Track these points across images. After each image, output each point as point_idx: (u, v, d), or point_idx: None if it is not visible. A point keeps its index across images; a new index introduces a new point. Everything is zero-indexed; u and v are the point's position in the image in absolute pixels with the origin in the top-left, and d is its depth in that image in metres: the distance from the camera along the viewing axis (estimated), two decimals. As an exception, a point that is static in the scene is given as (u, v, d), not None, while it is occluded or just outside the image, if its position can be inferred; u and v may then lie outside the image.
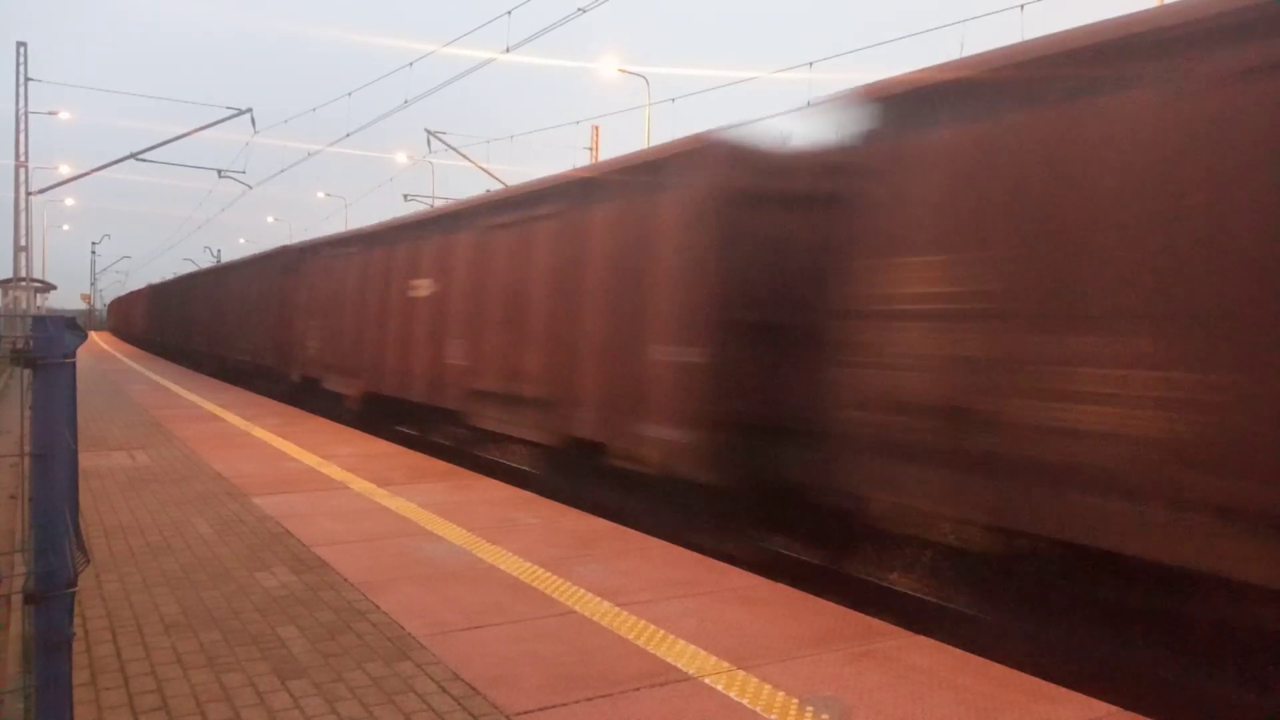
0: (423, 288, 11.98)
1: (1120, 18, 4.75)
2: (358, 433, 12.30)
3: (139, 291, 47.22)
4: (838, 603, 5.12)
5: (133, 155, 27.13)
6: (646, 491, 8.03)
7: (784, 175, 6.93)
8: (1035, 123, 5.06)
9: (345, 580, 5.26)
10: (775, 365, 6.71)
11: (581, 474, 8.95)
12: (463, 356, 10.72)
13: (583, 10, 15.04)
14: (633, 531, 6.69)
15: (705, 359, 7.05)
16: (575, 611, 4.74)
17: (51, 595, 2.58)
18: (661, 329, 7.54)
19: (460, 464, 10.19)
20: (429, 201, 35.00)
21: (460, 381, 10.75)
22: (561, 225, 9.18)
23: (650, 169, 8.09)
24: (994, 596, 5.80)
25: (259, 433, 11.98)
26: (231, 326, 23.07)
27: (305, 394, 16.78)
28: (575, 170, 10.04)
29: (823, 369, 6.16)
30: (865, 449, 5.80)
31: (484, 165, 30.99)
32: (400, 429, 13.93)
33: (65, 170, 36.09)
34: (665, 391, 7.40)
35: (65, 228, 79.27)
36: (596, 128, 32.54)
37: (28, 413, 2.69)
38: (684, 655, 4.13)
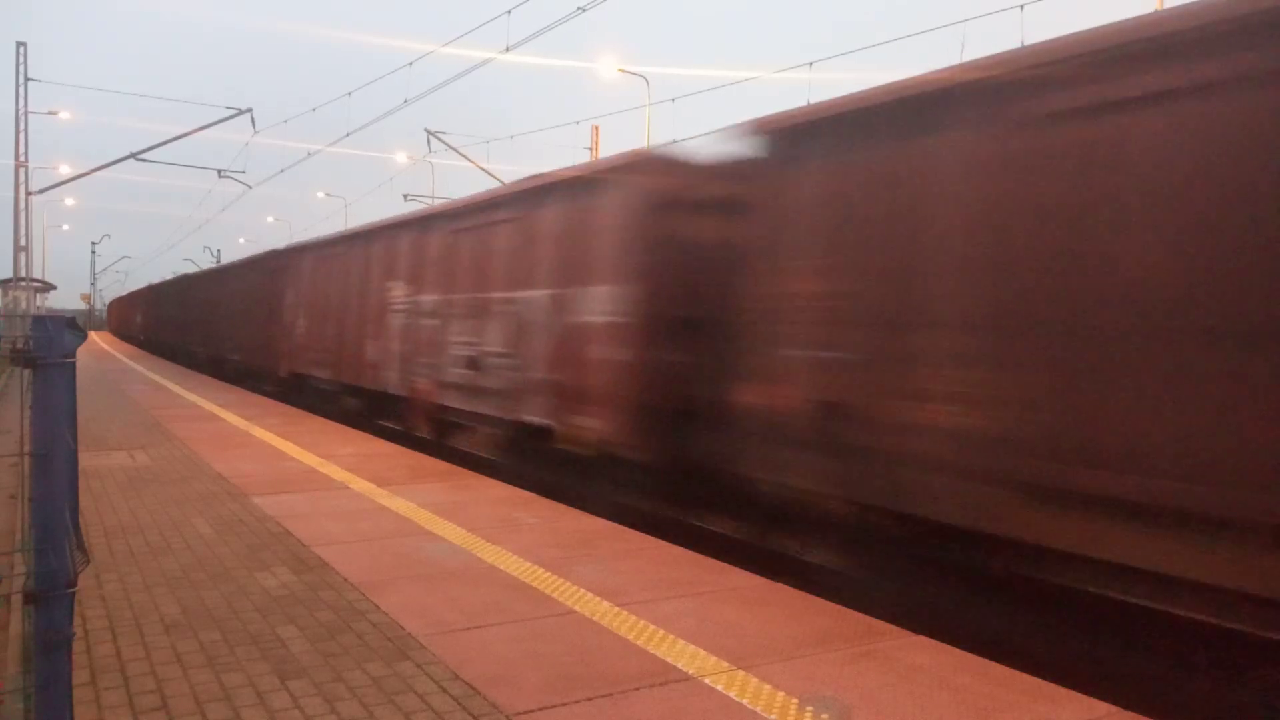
0: (394, 290, 13.47)
1: (941, 70, 5.71)
2: (358, 433, 12.30)
3: (137, 292, 47.51)
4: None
5: (133, 155, 27.12)
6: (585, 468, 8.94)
7: (701, 187, 7.87)
8: (880, 157, 5.97)
9: (345, 580, 5.26)
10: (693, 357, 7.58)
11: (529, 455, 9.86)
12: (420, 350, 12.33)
13: (583, 10, 15.03)
14: (632, 531, 6.69)
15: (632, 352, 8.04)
16: (575, 611, 4.74)
17: (51, 595, 2.58)
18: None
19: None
20: (429, 201, 35.01)
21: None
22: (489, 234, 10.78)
23: (586, 183, 9.16)
24: (856, 556, 6.69)
25: (259, 432, 11.99)
26: (214, 325, 26.63)
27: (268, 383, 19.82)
28: (520, 180, 11.01)
29: (726, 361, 7.01)
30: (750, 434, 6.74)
31: (484, 165, 31.00)
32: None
33: (65, 170, 36.08)
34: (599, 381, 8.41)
35: (65, 228, 79.20)
36: (596, 128, 32.55)
37: (28, 413, 2.69)
38: (684, 655, 4.13)
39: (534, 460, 9.70)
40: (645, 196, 8.05)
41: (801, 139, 6.49)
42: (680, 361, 7.63)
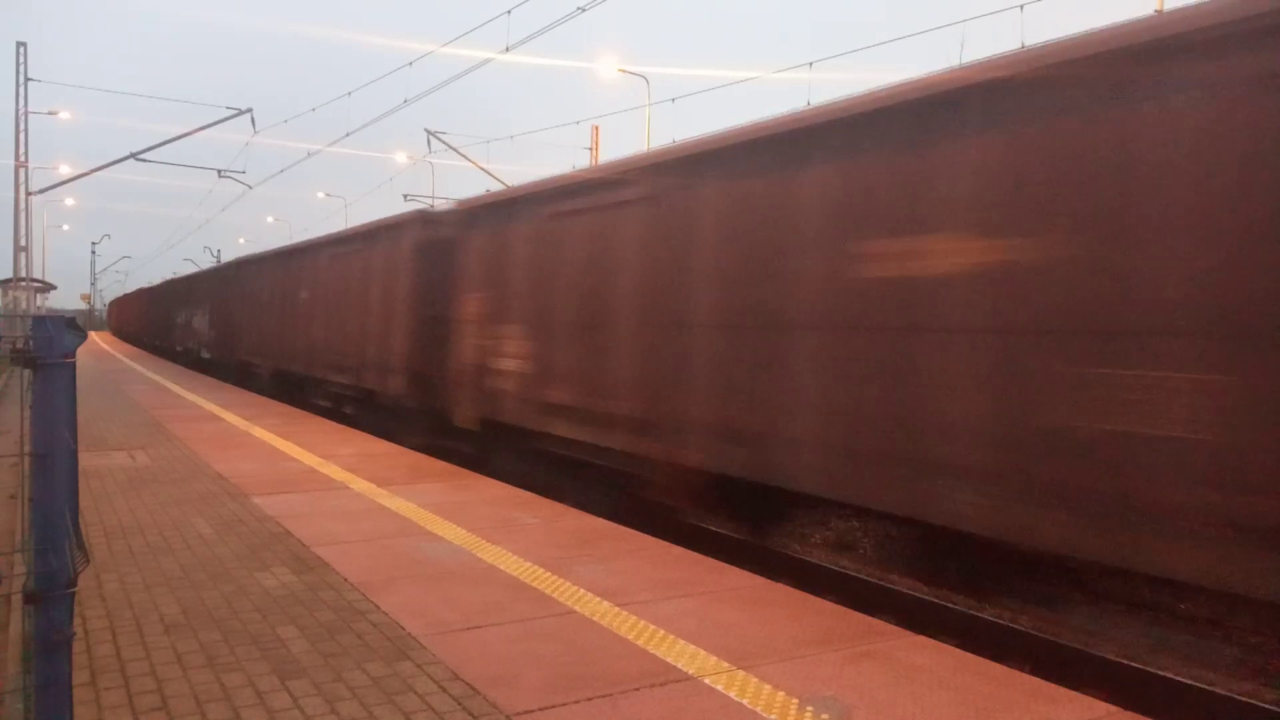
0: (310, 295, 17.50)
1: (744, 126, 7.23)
2: (358, 433, 12.30)
3: (136, 293, 47.71)
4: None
5: (133, 155, 27.11)
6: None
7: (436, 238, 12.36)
8: (492, 228, 10.66)
9: (345, 580, 5.26)
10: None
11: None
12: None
13: (583, 10, 15.03)
14: (632, 531, 6.69)
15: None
16: (575, 611, 4.74)
17: (51, 595, 2.58)
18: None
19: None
20: (429, 201, 35.02)
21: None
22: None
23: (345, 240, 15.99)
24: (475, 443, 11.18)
25: (259, 432, 11.99)
26: (199, 324, 28.97)
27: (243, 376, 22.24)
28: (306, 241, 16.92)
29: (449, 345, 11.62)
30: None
31: (484, 165, 31.00)
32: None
33: (65, 170, 36.09)
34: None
35: (65, 228, 79.25)
36: (596, 128, 32.55)
37: (28, 413, 2.69)
38: (684, 655, 4.13)
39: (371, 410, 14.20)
40: (408, 244, 12.70)
41: (477, 215, 11.19)
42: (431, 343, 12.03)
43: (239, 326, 23.05)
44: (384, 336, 13.13)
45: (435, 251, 12.07)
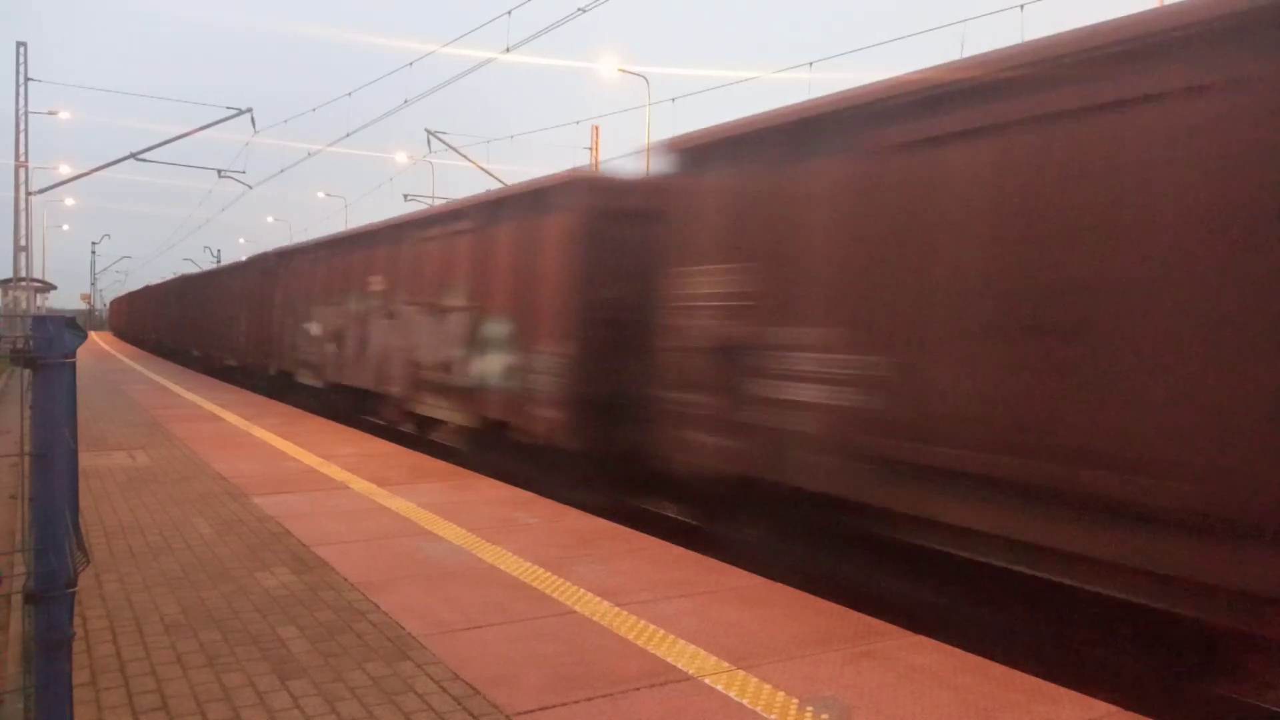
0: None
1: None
2: (358, 432, 12.30)
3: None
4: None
5: (133, 155, 27.11)
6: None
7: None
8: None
9: (345, 580, 5.26)
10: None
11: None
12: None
13: (583, 10, 15.03)
14: (632, 531, 6.69)
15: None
16: (575, 611, 4.74)
17: (51, 595, 2.58)
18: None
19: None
20: (429, 201, 35.01)
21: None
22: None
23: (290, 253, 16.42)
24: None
25: (259, 432, 11.99)
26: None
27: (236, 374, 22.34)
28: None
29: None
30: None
31: (484, 165, 30.99)
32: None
33: (65, 170, 36.08)
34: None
35: (65, 228, 79.27)
36: (596, 128, 32.56)
37: (28, 413, 2.69)
38: (684, 655, 4.13)
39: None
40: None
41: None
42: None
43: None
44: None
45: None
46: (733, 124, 7.14)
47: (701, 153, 7.28)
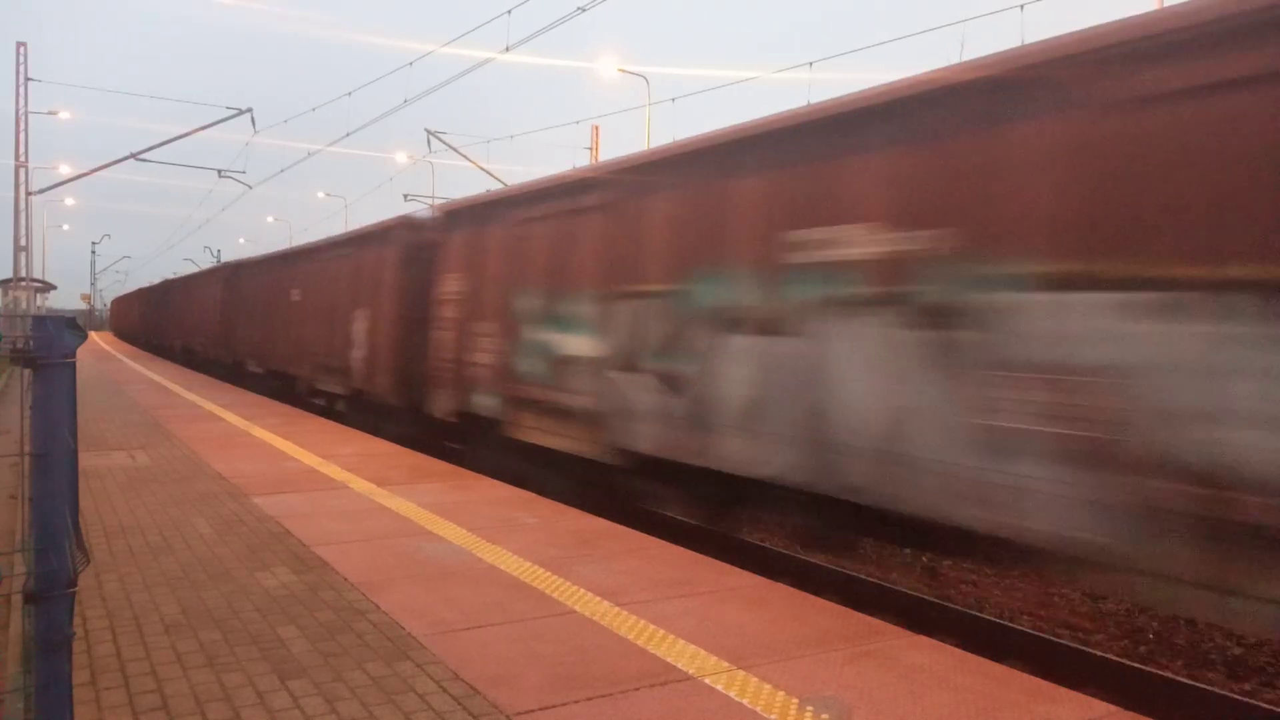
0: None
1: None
2: (358, 433, 12.30)
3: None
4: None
5: (133, 155, 27.12)
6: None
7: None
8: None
9: (345, 580, 5.26)
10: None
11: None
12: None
13: (583, 10, 15.03)
14: (632, 531, 6.69)
15: None
16: (575, 611, 4.74)
17: (51, 595, 2.58)
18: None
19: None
20: (429, 201, 34.99)
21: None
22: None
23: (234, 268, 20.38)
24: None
25: (259, 432, 11.99)
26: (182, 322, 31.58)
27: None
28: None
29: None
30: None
31: (484, 165, 30.99)
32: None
33: (65, 170, 36.08)
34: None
35: (65, 228, 79.28)
36: (596, 128, 32.56)
37: (28, 413, 2.69)
38: (684, 655, 4.13)
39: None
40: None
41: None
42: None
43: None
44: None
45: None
46: (458, 200, 11.63)
47: (450, 216, 11.32)
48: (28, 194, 31.09)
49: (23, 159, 31.24)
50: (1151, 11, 4.61)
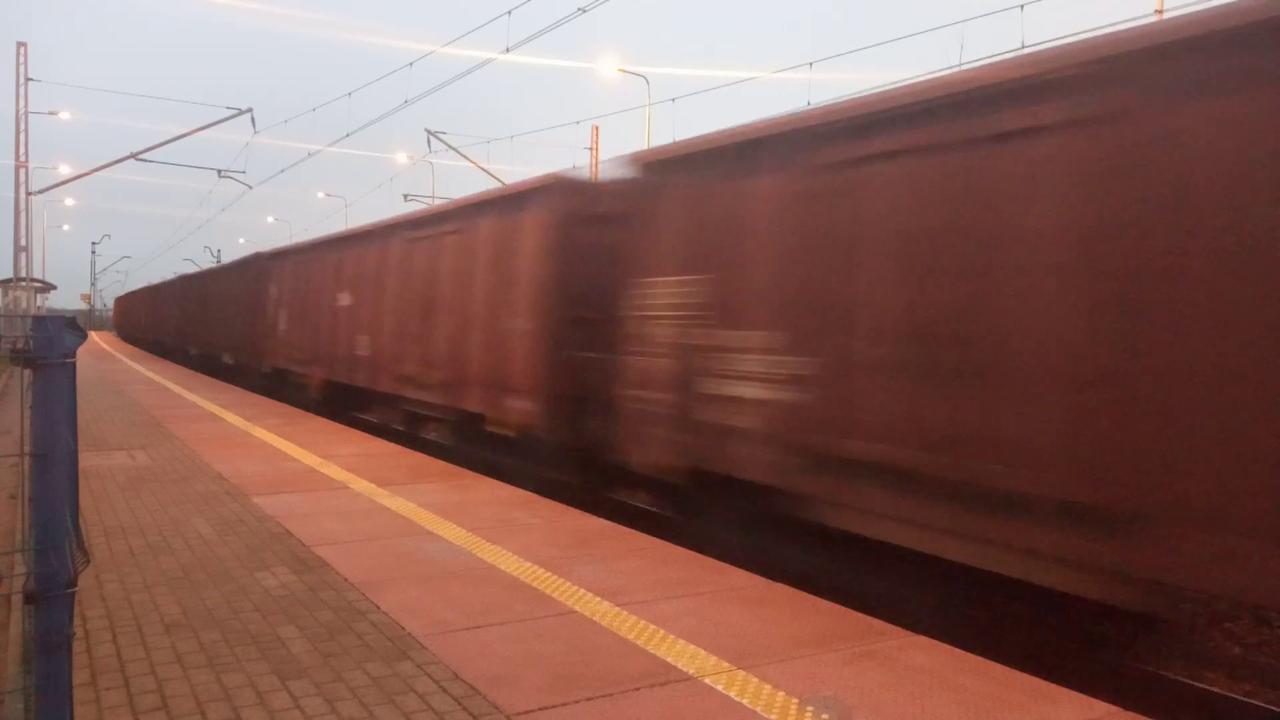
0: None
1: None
2: (358, 433, 12.30)
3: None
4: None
5: (133, 155, 27.12)
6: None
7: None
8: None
9: (345, 580, 5.26)
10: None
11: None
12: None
13: (583, 10, 15.03)
14: (633, 531, 6.69)
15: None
16: (575, 611, 4.74)
17: (51, 595, 2.58)
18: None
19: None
20: (429, 201, 35.00)
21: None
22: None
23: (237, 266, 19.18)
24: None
25: (259, 432, 11.99)
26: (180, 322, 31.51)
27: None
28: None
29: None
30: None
31: (484, 165, 30.99)
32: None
33: (65, 170, 36.10)
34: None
35: (65, 228, 79.31)
36: (596, 128, 32.56)
37: (28, 413, 2.69)
38: (684, 655, 4.13)
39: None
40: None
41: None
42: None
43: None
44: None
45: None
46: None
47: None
48: (28, 194, 31.08)
49: (23, 159, 31.23)
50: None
